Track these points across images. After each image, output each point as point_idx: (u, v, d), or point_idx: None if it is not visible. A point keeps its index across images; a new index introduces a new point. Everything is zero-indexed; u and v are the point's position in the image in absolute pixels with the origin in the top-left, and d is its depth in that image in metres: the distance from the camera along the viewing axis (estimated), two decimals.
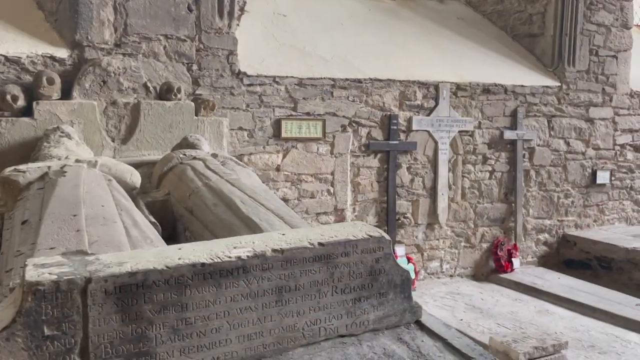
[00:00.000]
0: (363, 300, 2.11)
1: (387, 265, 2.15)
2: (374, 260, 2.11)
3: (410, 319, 2.23)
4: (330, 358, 1.96)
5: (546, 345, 2.32)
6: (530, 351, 2.27)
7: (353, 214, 5.22)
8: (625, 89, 6.73)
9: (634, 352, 3.88)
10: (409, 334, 2.17)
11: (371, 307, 2.13)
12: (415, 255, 5.58)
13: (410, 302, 2.22)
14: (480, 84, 5.76)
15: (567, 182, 6.42)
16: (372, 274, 2.11)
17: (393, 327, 2.19)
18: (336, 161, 5.06)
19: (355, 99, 5.08)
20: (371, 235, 2.09)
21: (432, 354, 2.03)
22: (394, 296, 2.18)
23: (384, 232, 2.14)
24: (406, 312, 2.21)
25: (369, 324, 2.14)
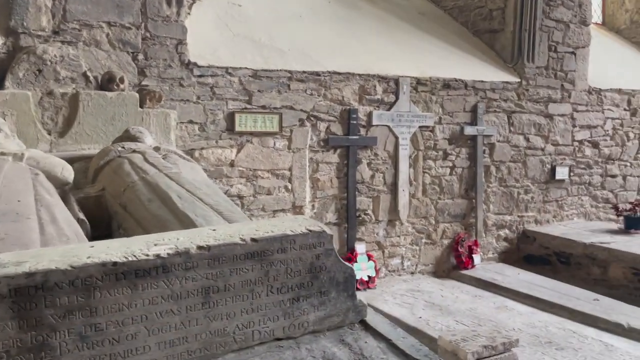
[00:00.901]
0: (302, 300, 1.96)
1: (329, 261, 2.01)
2: (314, 257, 1.96)
3: (354, 318, 2.09)
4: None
5: (496, 343, 2.23)
6: (479, 350, 2.17)
7: (312, 211, 5.07)
8: (584, 85, 6.79)
9: (591, 348, 3.85)
10: (353, 335, 2.03)
11: (311, 307, 1.98)
12: (376, 253, 5.48)
13: (354, 301, 2.08)
14: (440, 79, 5.70)
15: (527, 177, 6.43)
16: (312, 272, 1.96)
17: (336, 328, 2.05)
18: (294, 156, 4.90)
19: (314, 92, 4.93)
20: (311, 229, 1.94)
21: (375, 356, 1.89)
22: (337, 295, 2.04)
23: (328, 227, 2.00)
24: (350, 312, 2.07)
25: (309, 325, 1.99)
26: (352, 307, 2.06)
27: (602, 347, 3.88)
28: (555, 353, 3.76)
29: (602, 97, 6.97)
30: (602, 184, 7.11)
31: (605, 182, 7.14)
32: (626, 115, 7.23)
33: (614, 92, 7.07)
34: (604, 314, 4.52)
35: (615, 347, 3.88)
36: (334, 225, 5.20)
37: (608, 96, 7.03)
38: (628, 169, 7.35)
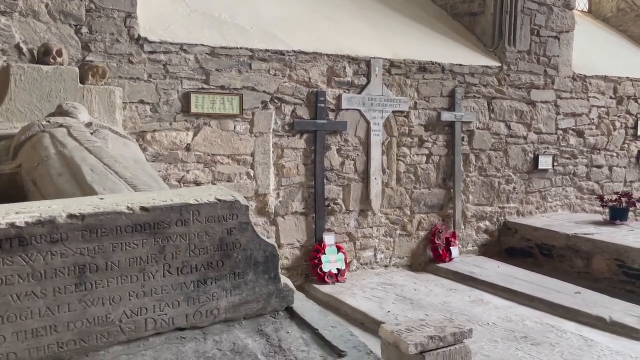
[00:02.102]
0: (210, 282, 1.65)
1: (244, 237, 1.70)
2: (225, 232, 1.65)
3: (278, 305, 1.78)
4: (157, 358, 1.49)
5: (445, 334, 1.93)
6: (424, 342, 1.88)
7: (277, 200, 4.77)
8: (568, 71, 6.53)
9: (569, 343, 3.58)
10: (275, 324, 1.72)
11: (222, 292, 1.67)
12: (347, 245, 5.18)
13: (278, 285, 1.78)
14: (416, 61, 5.41)
15: (509, 167, 6.16)
16: (222, 249, 1.65)
17: (255, 316, 1.74)
18: (257, 141, 4.60)
19: (278, 73, 4.63)
20: (221, 199, 1.62)
21: (295, 349, 1.59)
22: (255, 277, 1.73)
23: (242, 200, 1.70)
24: (273, 298, 1.76)
25: (220, 313, 1.67)
26: (275, 293, 1.75)
27: (582, 342, 3.60)
28: (530, 349, 3.48)
29: (587, 84, 6.71)
30: (587, 175, 6.85)
31: (591, 173, 6.89)
32: (612, 103, 6.98)
33: (600, 79, 6.82)
34: (586, 308, 4.25)
35: (595, 342, 3.61)
36: (302, 215, 4.90)
37: (594, 83, 6.77)
38: (614, 159, 7.10)
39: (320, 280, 4.80)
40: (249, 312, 1.70)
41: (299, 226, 4.89)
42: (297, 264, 4.91)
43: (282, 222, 4.80)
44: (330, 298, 4.52)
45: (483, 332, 3.75)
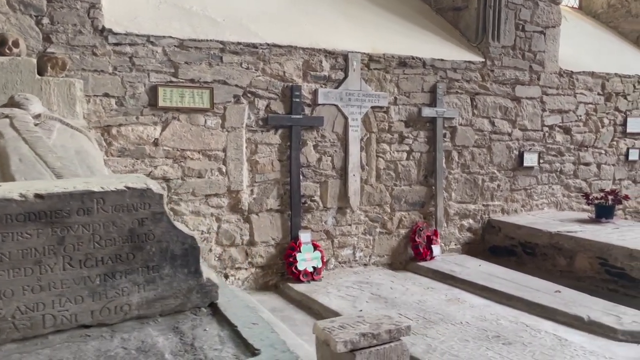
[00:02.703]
0: (119, 276, 1.54)
1: (158, 228, 1.59)
2: (135, 222, 1.54)
3: (200, 301, 1.67)
4: (51, 357, 1.39)
5: (379, 331, 1.82)
6: (355, 339, 1.77)
7: (251, 197, 4.66)
8: (554, 67, 6.41)
9: (542, 342, 3.46)
10: (193, 321, 1.61)
11: (134, 287, 1.56)
12: (325, 243, 5.07)
13: (199, 280, 1.67)
14: (395, 56, 5.30)
15: (493, 164, 6.04)
16: (132, 241, 1.54)
17: (174, 312, 1.63)
18: (228, 136, 4.49)
19: (250, 66, 4.52)
20: (129, 186, 1.52)
21: (207, 347, 1.48)
22: (172, 271, 1.62)
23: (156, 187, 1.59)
24: (193, 293, 1.66)
25: (132, 309, 1.56)
26: (196, 287, 1.65)
27: (555, 341, 3.49)
28: (501, 348, 3.36)
29: (574, 80, 6.59)
30: (574, 172, 6.74)
31: (578, 170, 6.77)
32: (600, 100, 6.86)
33: (587, 75, 6.70)
34: (564, 307, 4.14)
35: (569, 342, 3.49)
36: (277, 212, 4.80)
37: (580, 79, 6.65)
38: (602, 156, 6.98)
39: (295, 278, 4.69)
40: (165, 309, 1.60)
41: (274, 223, 4.79)
42: (272, 262, 4.80)
43: (256, 219, 4.69)
44: (303, 297, 4.41)
45: (455, 331, 3.64)
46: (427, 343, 3.43)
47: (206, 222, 4.45)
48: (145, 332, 1.52)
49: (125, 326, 1.53)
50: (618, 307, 4.12)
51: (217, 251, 4.52)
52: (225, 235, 4.55)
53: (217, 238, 4.52)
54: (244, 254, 4.66)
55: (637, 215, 7.43)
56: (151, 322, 1.57)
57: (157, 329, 1.54)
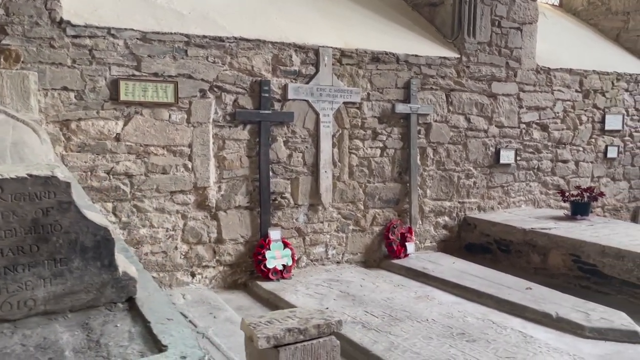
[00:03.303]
0: (22, 269, 1.44)
1: (66, 219, 1.49)
2: (39, 212, 1.45)
3: (115, 296, 1.58)
4: None
5: (306, 326, 1.74)
6: (279, 334, 1.69)
7: (218, 193, 4.58)
8: (531, 64, 6.38)
9: (507, 339, 3.40)
10: (106, 317, 1.53)
11: (39, 280, 1.47)
12: (296, 240, 5.00)
13: (114, 274, 1.58)
14: (368, 51, 5.24)
15: (469, 161, 6.00)
16: (36, 232, 1.45)
17: (86, 308, 1.55)
18: (194, 131, 4.41)
19: (217, 60, 4.44)
20: (32, 174, 1.43)
21: (114, 344, 1.39)
22: (83, 264, 1.53)
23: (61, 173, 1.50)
24: (108, 288, 1.57)
25: (38, 304, 1.47)
26: (110, 282, 1.56)
27: (520, 338, 3.43)
28: (464, 345, 3.30)
29: (551, 77, 6.56)
30: (552, 170, 6.71)
31: (556, 168, 6.74)
32: (578, 97, 6.84)
33: (565, 72, 6.67)
34: (534, 304, 4.09)
35: (534, 339, 3.44)
36: (246, 209, 4.71)
37: (558, 76, 6.62)
38: (581, 154, 6.96)
39: (265, 276, 4.61)
40: (76, 304, 1.51)
41: (243, 221, 4.70)
42: (240, 260, 4.72)
43: (224, 216, 4.60)
44: (271, 295, 4.33)
45: (420, 328, 3.57)
46: (390, 341, 3.36)
47: (171, 219, 4.35)
48: (51, 328, 1.44)
49: (30, 322, 1.44)
50: (588, 304, 4.07)
51: (183, 249, 4.43)
52: (192, 232, 4.46)
53: (183, 236, 4.43)
54: (211, 252, 4.57)
55: (616, 213, 7.42)
56: (60, 318, 1.48)
57: (64, 325, 1.46)
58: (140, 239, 4.23)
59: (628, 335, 3.60)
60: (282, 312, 1.89)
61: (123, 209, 4.14)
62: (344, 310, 3.91)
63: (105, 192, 4.06)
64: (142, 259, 4.25)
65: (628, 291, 4.41)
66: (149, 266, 4.28)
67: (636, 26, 8.02)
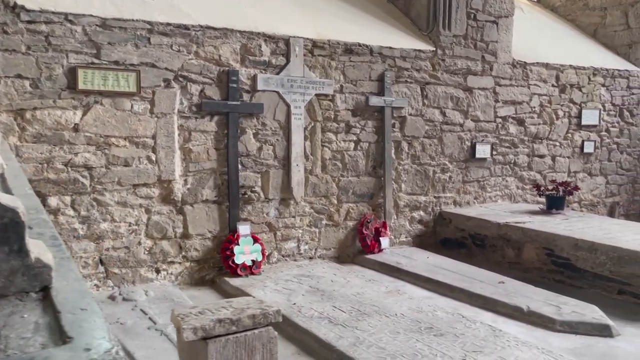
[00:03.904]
0: None
1: None
2: None
3: (27, 285, 1.44)
4: None
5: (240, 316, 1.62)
6: (208, 325, 1.57)
7: (184, 187, 4.43)
8: (507, 58, 6.33)
9: (475, 333, 3.32)
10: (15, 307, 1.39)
11: None
12: (267, 235, 4.87)
13: (25, 260, 1.43)
14: (341, 42, 5.13)
15: (444, 155, 5.92)
16: None
17: None
18: (158, 122, 4.26)
19: (182, 48, 4.30)
20: None
21: (16, 335, 1.25)
22: None
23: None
24: (18, 275, 1.42)
25: None
26: (21, 269, 1.42)
27: (489, 332, 3.35)
28: (431, 339, 3.21)
29: (527, 71, 6.52)
30: (529, 165, 6.67)
31: (533, 163, 6.71)
32: (554, 91, 6.81)
33: (541, 66, 6.64)
34: (505, 297, 4.03)
35: (504, 332, 3.36)
36: (214, 203, 4.58)
37: (534, 70, 6.59)
38: (557, 149, 6.93)
39: (233, 272, 4.48)
40: None
41: (211, 215, 4.57)
42: (208, 256, 4.58)
43: (190, 210, 4.46)
44: (238, 291, 4.20)
45: (388, 322, 3.47)
46: (356, 336, 3.26)
47: (134, 213, 4.20)
48: None
49: None
50: (560, 298, 4.02)
51: (147, 244, 4.28)
52: (156, 227, 4.32)
53: (147, 230, 4.28)
54: (177, 248, 4.43)
55: (593, 209, 7.41)
56: None
57: None
58: (101, 233, 4.08)
59: (599, 328, 3.54)
60: (217, 303, 1.76)
61: (82, 203, 3.98)
62: (311, 306, 3.79)
63: (63, 185, 3.90)
64: (103, 254, 4.10)
65: (601, 285, 4.36)
66: (110, 262, 4.12)
67: (613, 22, 8.03)
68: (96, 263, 4.08)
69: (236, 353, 1.55)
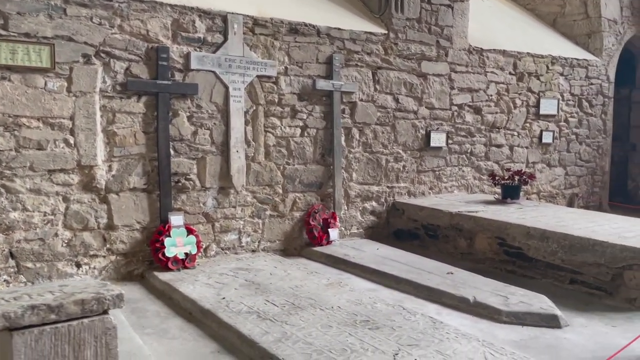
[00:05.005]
0: None
1: None
2: None
3: None
4: None
5: (62, 302, 1.31)
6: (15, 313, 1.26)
7: (109, 173, 4.06)
8: (463, 43, 6.12)
9: (414, 326, 3.05)
10: None
11: None
12: (204, 227, 4.53)
13: None
14: (285, 21, 4.83)
15: (397, 143, 5.68)
16: None
17: None
18: (77, 102, 3.88)
19: (104, 21, 3.93)
20: None
21: None
22: None
23: None
24: None
25: None
26: None
27: (429, 324, 3.09)
28: (365, 333, 2.93)
29: (484, 57, 6.33)
30: (486, 154, 6.49)
31: (490, 153, 6.53)
32: (512, 79, 6.65)
33: (498, 53, 6.46)
34: (452, 289, 3.79)
35: (444, 325, 3.11)
36: (143, 191, 4.21)
37: (491, 57, 6.40)
38: (515, 138, 6.78)
39: (164, 266, 4.13)
40: None
41: (139, 204, 4.20)
42: (137, 249, 4.21)
43: (115, 199, 4.09)
44: (166, 286, 3.86)
45: (321, 316, 3.19)
46: (283, 331, 2.96)
47: (50, 202, 3.81)
48: None
49: None
50: (508, 288, 3.80)
51: (65, 236, 3.90)
52: (76, 217, 3.93)
53: (65, 221, 3.89)
54: (101, 240, 4.05)
55: (552, 200, 7.29)
56: None
57: None
58: (11, 224, 3.68)
59: (546, 319, 3.32)
60: (45, 286, 1.44)
61: None
62: (242, 300, 3.48)
63: None
64: (13, 247, 3.70)
65: (552, 274, 4.16)
66: (22, 255, 3.73)
67: (572, 11, 7.94)
68: (5, 257, 3.68)
69: (56, 348, 1.23)
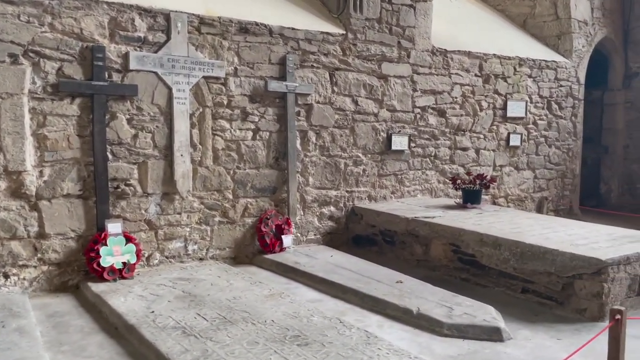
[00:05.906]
0: None
1: None
2: None
3: None
4: None
5: None
6: None
7: (40, 179, 3.85)
8: (426, 44, 5.98)
9: (346, 341, 2.88)
10: None
11: None
12: (146, 234, 4.33)
13: None
14: (235, 20, 4.65)
15: (357, 147, 5.52)
16: None
17: None
18: (3, 104, 3.67)
19: (33, 19, 3.72)
20: None
21: None
22: None
23: None
24: None
25: None
26: None
27: (362, 339, 2.92)
28: (291, 350, 2.76)
29: (448, 59, 6.20)
30: (451, 158, 6.35)
31: (455, 156, 6.39)
32: (478, 81, 6.52)
33: (463, 54, 6.33)
34: (397, 299, 3.63)
35: (378, 339, 2.94)
36: (78, 198, 4.01)
37: (456, 59, 6.27)
38: (482, 141, 6.65)
39: (99, 276, 3.92)
40: None
41: (74, 212, 4.00)
42: (72, 258, 4.00)
43: (47, 206, 3.88)
44: (97, 298, 3.65)
45: (251, 331, 3.01)
46: (204, 349, 2.77)
47: None
48: None
49: None
50: (456, 298, 3.65)
51: None
52: (3, 226, 3.72)
53: None
54: (31, 249, 3.84)
55: (521, 204, 7.18)
56: None
57: None
58: None
59: (489, 332, 3.17)
60: None
61: None
62: (172, 314, 3.29)
63: None
64: None
65: (505, 283, 4.02)
66: None
67: (542, 12, 7.85)
68: None
69: None
